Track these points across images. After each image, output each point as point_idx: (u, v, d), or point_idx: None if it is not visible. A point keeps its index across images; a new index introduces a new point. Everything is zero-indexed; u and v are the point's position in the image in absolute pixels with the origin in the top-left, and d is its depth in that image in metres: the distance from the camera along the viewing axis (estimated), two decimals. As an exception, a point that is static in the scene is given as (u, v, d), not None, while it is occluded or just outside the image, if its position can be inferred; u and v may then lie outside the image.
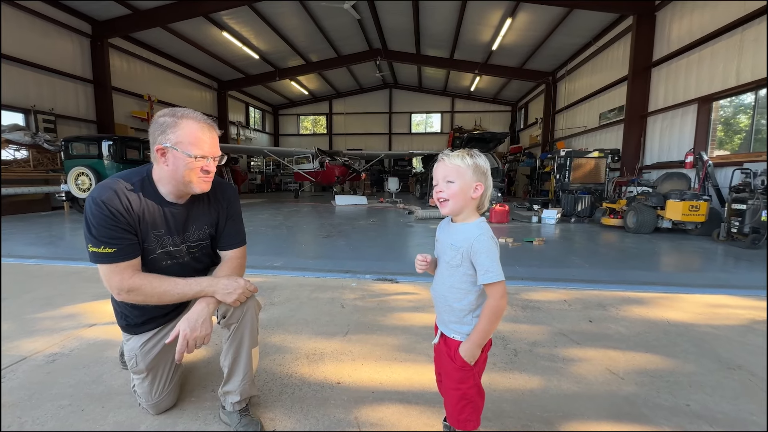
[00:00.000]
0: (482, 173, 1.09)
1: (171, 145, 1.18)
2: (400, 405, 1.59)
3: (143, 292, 1.16)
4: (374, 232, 6.17)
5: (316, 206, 11.29)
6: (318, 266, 3.87)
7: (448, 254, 1.13)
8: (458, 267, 1.10)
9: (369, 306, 2.77)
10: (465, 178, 1.08)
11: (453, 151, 1.13)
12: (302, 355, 2.02)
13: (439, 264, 1.20)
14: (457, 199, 1.09)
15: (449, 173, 1.09)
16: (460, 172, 1.08)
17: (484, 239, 1.06)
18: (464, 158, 1.08)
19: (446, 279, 1.15)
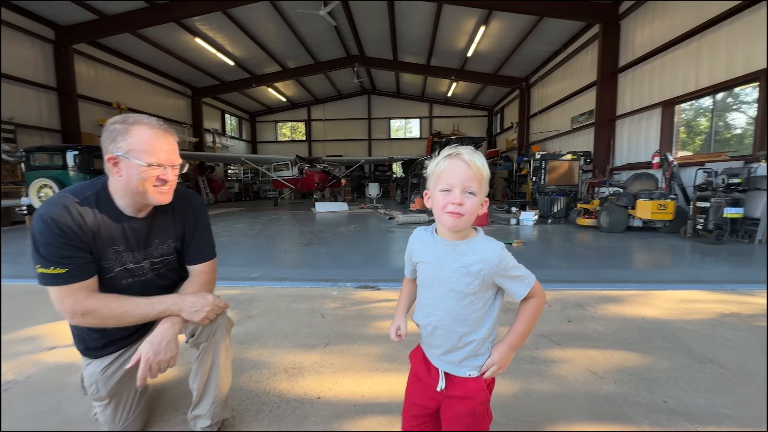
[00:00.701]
0: (488, 181, 0.93)
1: (122, 153, 1.10)
2: (383, 417, 1.54)
3: (100, 315, 1.07)
4: (355, 239, 6.11)
5: (296, 214, 11.13)
6: (297, 276, 3.78)
7: (458, 281, 0.92)
8: (476, 294, 0.93)
9: (350, 315, 2.71)
10: (483, 191, 0.89)
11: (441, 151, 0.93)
12: (281, 370, 1.94)
13: (432, 290, 0.98)
14: (473, 215, 0.89)
15: (471, 181, 0.87)
16: (482, 183, 0.89)
17: (506, 254, 0.92)
18: (484, 164, 0.90)
19: (454, 310, 0.94)
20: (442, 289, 0.95)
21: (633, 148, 8.90)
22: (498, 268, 0.91)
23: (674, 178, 6.57)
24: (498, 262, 0.91)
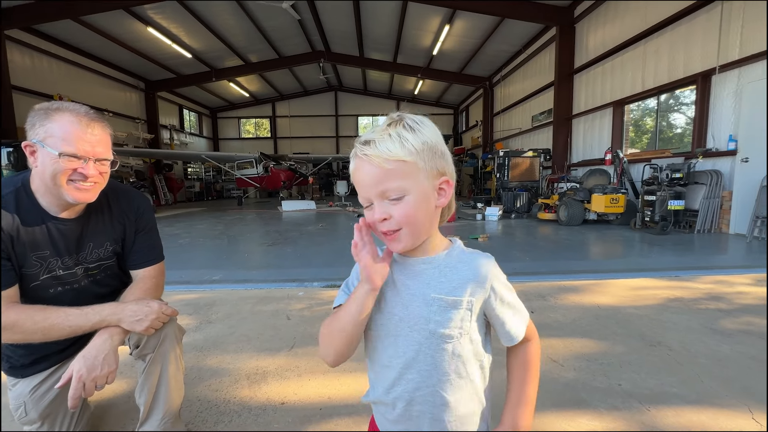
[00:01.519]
0: (440, 153, 0.62)
1: (38, 140, 0.96)
2: (349, 419, 1.50)
3: (22, 329, 0.94)
4: (323, 237, 6.01)
5: (262, 213, 10.79)
6: (262, 277, 3.65)
7: (439, 317, 0.62)
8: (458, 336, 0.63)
9: (317, 315, 2.64)
10: (418, 176, 0.59)
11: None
12: (242, 377, 1.85)
13: (399, 340, 0.66)
14: (417, 221, 0.60)
15: (387, 180, 0.59)
16: (405, 170, 0.59)
17: (497, 270, 0.66)
18: (402, 138, 0.59)
19: (439, 367, 0.63)
20: (416, 334, 0.63)
21: (588, 145, 9.40)
22: (488, 295, 0.64)
23: (625, 173, 7.02)
24: (490, 281, 0.63)
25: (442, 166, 0.63)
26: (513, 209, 8.76)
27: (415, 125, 0.62)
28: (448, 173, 0.64)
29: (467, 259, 0.66)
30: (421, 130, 0.62)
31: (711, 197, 5.72)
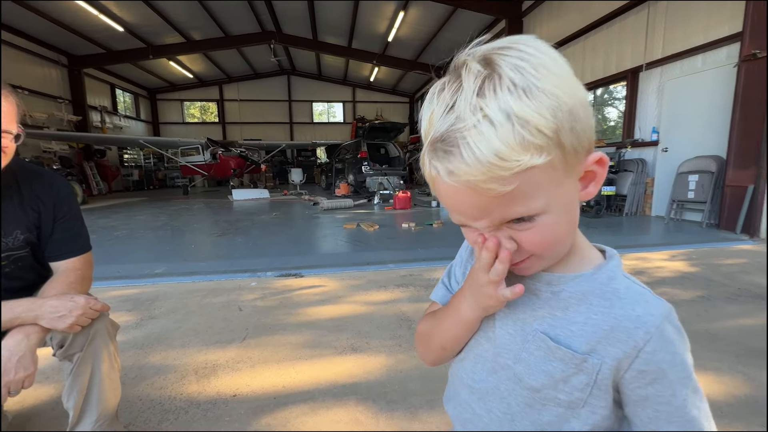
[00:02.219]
0: (582, 115, 0.35)
1: None
2: (305, 405, 1.49)
3: None
4: (277, 226, 5.82)
5: (210, 202, 10.19)
6: (211, 268, 3.46)
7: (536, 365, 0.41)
8: (572, 410, 0.40)
9: (270, 305, 2.57)
10: (557, 175, 0.34)
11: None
12: (190, 372, 1.75)
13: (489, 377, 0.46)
14: (557, 241, 0.38)
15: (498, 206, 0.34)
16: (536, 180, 0.33)
17: (676, 335, 0.37)
18: (518, 121, 0.31)
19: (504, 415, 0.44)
20: (498, 368, 0.45)
21: (534, 135, 9.94)
22: (635, 363, 0.37)
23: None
24: (643, 346, 0.36)
25: (589, 136, 0.36)
26: (466, 196, 9.08)
27: (529, 75, 0.32)
28: (590, 136, 0.36)
29: (618, 293, 0.39)
30: (543, 84, 0.32)
31: (637, 183, 6.33)
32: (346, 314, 2.40)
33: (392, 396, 1.55)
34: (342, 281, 3.10)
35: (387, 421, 1.39)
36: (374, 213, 7.33)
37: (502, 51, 0.34)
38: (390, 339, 2.05)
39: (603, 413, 0.38)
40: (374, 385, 1.63)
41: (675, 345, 0.36)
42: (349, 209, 7.91)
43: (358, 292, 2.81)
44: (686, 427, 0.35)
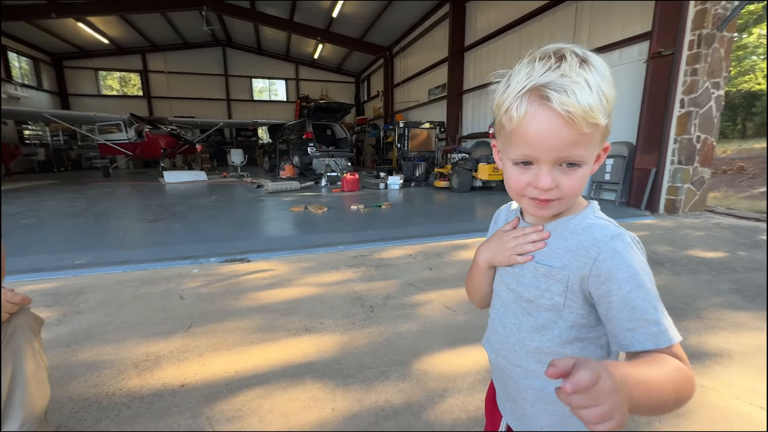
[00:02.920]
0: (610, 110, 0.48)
1: None
2: (260, 388, 1.48)
3: None
4: (218, 210, 5.49)
5: (139, 186, 9.24)
6: (145, 256, 3.19)
7: (529, 282, 0.55)
8: (557, 313, 0.53)
9: (216, 292, 2.46)
10: (594, 139, 0.48)
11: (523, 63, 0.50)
12: (129, 366, 1.64)
13: (499, 298, 0.62)
14: (578, 193, 0.51)
15: (573, 145, 0.46)
16: (594, 137, 0.47)
17: (624, 247, 0.48)
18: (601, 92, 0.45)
19: (524, 332, 0.56)
20: (509, 295, 0.59)
21: (476, 119, 10.39)
22: (593, 273, 0.48)
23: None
24: (600, 255, 0.48)
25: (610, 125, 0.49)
26: (413, 178, 9.29)
27: (603, 70, 0.47)
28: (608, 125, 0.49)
29: (586, 228, 0.52)
30: (609, 80, 0.47)
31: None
32: (297, 296, 2.38)
33: (348, 371, 1.60)
34: (292, 264, 3.05)
35: (344, 395, 1.44)
36: (322, 195, 7.22)
37: (586, 52, 0.49)
38: (343, 318, 2.09)
39: (579, 312, 0.52)
40: (329, 362, 1.66)
41: (621, 255, 0.47)
42: (296, 192, 7.70)
43: (309, 275, 2.80)
44: (630, 313, 0.45)
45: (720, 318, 2.05)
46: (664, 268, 2.89)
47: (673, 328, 0.45)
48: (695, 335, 1.87)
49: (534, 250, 0.55)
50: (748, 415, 1.32)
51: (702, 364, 1.63)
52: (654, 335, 0.44)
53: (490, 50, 9.51)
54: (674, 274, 2.74)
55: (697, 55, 4.70)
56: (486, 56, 9.67)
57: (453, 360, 1.68)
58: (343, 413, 1.34)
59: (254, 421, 1.31)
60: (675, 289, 2.45)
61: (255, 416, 1.33)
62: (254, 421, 1.31)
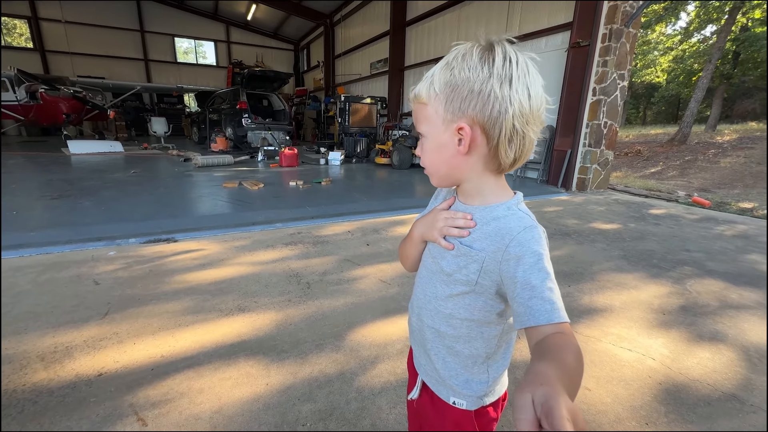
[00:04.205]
0: (464, 95, 0.53)
1: None
2: (190, 370, 1.45)
3: None
4: (138, 186, 4.97)
5: (35, 157, 7.94)
6: (47, 238, 2.82)
7: (449, 260, 0.62)
8: (470, 288, 0.60)
9: (138, 275, 2.29)
10: (434, 120, 0.57)
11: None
12: (34, 359, 1.49)
13: (425, 267, 0.70)
14: (434, 164, 0.62)
15: (420, 119, 0.60)
16: (425, 114, 0.58)
17: (532, 238, 0.54)
18: (430, 77, 0.57)
19: (440, 300, 0.64)
20: (433, 267, 0.67)
21: (416, 97, 10.51)
22: (505, 260, 0.54)
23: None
24: (512, 242, 0.54)
25: (457, 105, 0.54)
26: (354, 154, 9.22)
27: (453, 57, 0.55)
28: (473, 114, 0.53)
29: (506, 217, 0.57)
30: (451, 63, 0.55)
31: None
32: (230, 276, 2.31)
33: (283, 347, 1.63)
34: (224, 243, 2.92)
35: (278, 370, 1.47)
36: (258, 171, 6.88)
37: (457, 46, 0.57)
38: (279, 295, 2.09)
39: (489, 289, 0.59)
40: (264, 339, 1.67)
41: (529, 243, 0.54)
42: (229, 166, 7.23)
43: (242, 253, 2.71)
44: (530, 292, 0.51)
45: (609, 279, 2.44)
46: (570, 238, 3.30)
47: (564, 309, 0.51)
48: (588, 295, 2.20)
49: (457, 235, 0.61)
50: (618, 357, 1.62)
51: (590, 318, 1.94)
52: (548, 312, 0.50)
53: (431, 27, 9.55)
54: (578, 244, 3.15)
55: (607, 47, 5.22)
56: (427, 33, 9.71)
57: (385, 329, 1.79)
58: (277, 387, 1.38)
59: (184, 403, 1.29)
60: (577, 257, 2.83)
61: (184, 398, 1.31)
62: (184, 403, 1.29)
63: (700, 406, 1.35)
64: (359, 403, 1.32)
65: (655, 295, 2.24)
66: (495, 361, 0.64)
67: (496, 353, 0.64)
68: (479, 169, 0.58)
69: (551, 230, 3.54)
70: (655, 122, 23.85)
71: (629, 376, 1.49)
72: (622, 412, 1.31)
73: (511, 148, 0.54)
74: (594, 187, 5.83)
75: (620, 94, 5.57)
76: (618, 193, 5.76)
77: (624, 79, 5.55)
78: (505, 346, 0.65)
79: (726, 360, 1.62)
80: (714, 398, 1.39)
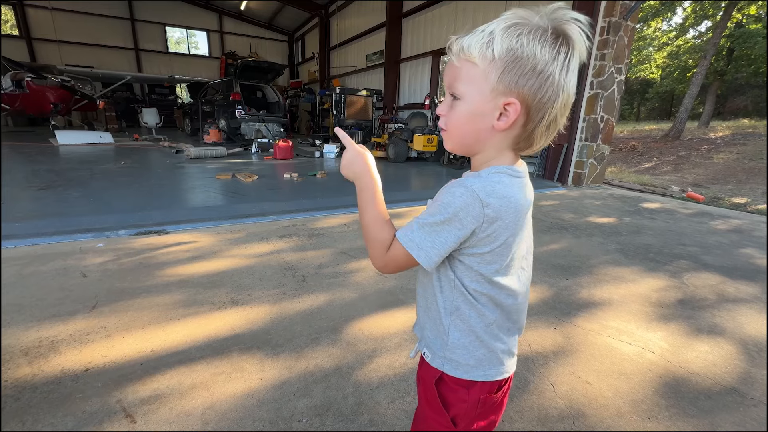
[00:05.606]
0: (525, 71, 0.49)
1: None
2: (181, 365, 1.40)
3: None
4: (128, 177, 4.86)
5: (21, 147, 7.74)
6: (32, 230, 2.73)
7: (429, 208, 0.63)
8: None
9: (127, 267, 2.22)
10: (480, 85, 0.51)
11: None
12: (17, 354, 1.43)
13: None
14: (460, 130, 0.57)
15: (454, 78, 0.54)
16: (471, 74, 0.52)
17: (454, 190, 0.54)
18: (489, 36, 0.50)
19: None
20: None
21: (413, 89, 10.41)
22: None
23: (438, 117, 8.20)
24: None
25: (515, 81, 0.49)
26: (349, 147, 9.14)
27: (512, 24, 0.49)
28: (526, 93, 0.49)
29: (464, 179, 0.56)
30: (511, 32, 0.48)
31: (492, 140, 7.39)
32: (223, 269, 2.26)
33: (277, 340, 1.58)
34: (217, 235, 2.86)
35: (272, 364, 1.43)
36: (252, 163, 6.78)
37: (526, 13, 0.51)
38: (274, 288, 2.04)
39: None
40: (258, 333, 1.63)
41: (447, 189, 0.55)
42: (222, 158, 7.11)
43: (236, 246, 2.65)
44: (410, 225, 0.57)
45: (606, 273, 2.42)
46: (568, 232, 3.29)
47: (407, 233, 0.57)
48: (586, 288, 2.18)
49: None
50: (618, 351, 1.61)
51: (589, 312, 1.92)
52: (402, 230, 0.59)
53: (427, 19, 9.44)
54: (575, 238, 3.14)
55: (606, 41, 5.18)
56: (423, 25, 9.59)
57: (382, 322, 1.75)
58: (271, 381, 1.34)
59: (174, 399, 1.24)
60: (574, 251, 2.82)
61: (175, 394, 1.26)
62: (174, 399, 1.24)
63: (701, 400, 1.34)
64: (356, 398, 1.28)
65: (653, 288, 2.23)
66: (456, 326, 0.61)
67: (456, 316, 0.61)
68: (504, 146, 0.56)
69: (548, 224, 3.52)
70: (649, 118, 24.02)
71: (630, 370, 1.48)
72: (624, 406, 1.29)
73: (547, 134, 0.54)
74: (590, 181, 5.84)
75: (617, 88, 5.55)
76: (613, 188, 5.77)
77: (621, 73, 5.52)
78: (466, 317, 0.61)
79: (725, 353, 1.62)
80: (714, 392, 1.38)
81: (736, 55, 15.42)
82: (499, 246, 0.55)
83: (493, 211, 0.52)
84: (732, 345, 1.68)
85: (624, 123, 20.38)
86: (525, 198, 0.56)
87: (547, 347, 1.61)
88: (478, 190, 0.52)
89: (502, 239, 0.55)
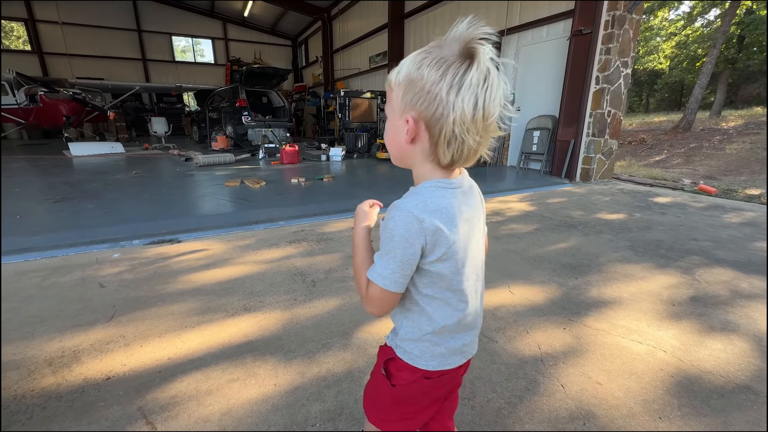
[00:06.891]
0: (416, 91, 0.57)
1: None
2: (197, 372, 1.45)
3: None
4: (140, 187, 4.97)
5: (37, 160, 7.95)
6: (51, 242, 2.82)
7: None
8: None
9: (143, 277, 2.28)
10: (393, 105, 0.62)
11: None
12: (42, 364, 1.49)
13: None
14: (390, 144, 0.67)
15: (386, 96, 0.66)
16: (390, 97, 0.63)
17: (393, 215, 0.61)
18: (400, 65, 0.61)
19: None
20: None
21: (416, 90, 10.41)
22: None
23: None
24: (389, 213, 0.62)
25: (411, 99, 0.58)
26: (355, 149, 9.18)
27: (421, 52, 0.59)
28: (421, 109, 0.57)
29: (399, 202, 0.63)
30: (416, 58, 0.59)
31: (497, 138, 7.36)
32: (235, 276, 2.31)
33: (289, 346, 1.62)
34: (228, 243, 2.91)
35: (285, 370, 1.46)
36: (260, 168, 6.86)
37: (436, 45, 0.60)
38: (284, 294, 2.08)
39: None
40: (271, 339, 1.66)
41: (388, 217, 0.62)
42: (230, 165, 7.21)
43: (247, 253, 2.70)
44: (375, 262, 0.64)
45: (616, 271, 2.41)
46: (576, 230, 3.27)
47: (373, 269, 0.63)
48: (596, 287, 2.18)
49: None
50: (629, 350, 1.60)
51: (598, 311, 1.92)
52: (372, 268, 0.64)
53: (429, 18, 9.44)
54: (584, 235, 3.12)
55: (610, 35, 5.13)
56: (426, 24, 9.59)
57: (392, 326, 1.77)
58: (285, 387, 1.37)
59: (192, 406, 1.28)
60: (583, 248, 2.80)
61: (192, 401, 1.31)
62: (192, 406, 1.28)
63: (713, 399, 1.33)
64: (368, 402, 1.31)
65: (664, 285, 2.21)
66: (409, 321, 0.70)
67: (409, 314, 0.69)
68: (421, 159, 0.63)
69: (556, 222, 3.51)
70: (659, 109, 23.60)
71: (641, 370, 1.47)
72: (635, 406, 1.29)
73: (449, 150, 0.58)
74: (598, 177, 5.78)
75: (624, 81, 5.49)
76: (622, 183, 5.71)
77: (627, 67, 5.46)
78: (416, 317, 0.68)
79: (738, 351, 1.60)
80: (728, 390, 1.37)
81: (747, 42, 15.08)
82: (445, 252, 0.61)
83: (430, 224, 0.58)
84: (745, 342, 1.67)
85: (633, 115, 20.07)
86: (462, 206, 0.63)
87: (556, 348, 1.61)
88: (412, 209, 0.59)
89: (445, 246, 0.60)
